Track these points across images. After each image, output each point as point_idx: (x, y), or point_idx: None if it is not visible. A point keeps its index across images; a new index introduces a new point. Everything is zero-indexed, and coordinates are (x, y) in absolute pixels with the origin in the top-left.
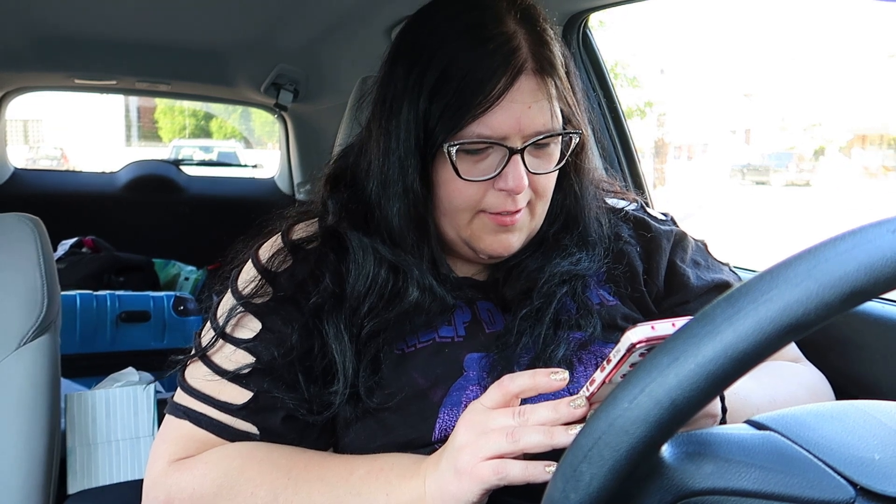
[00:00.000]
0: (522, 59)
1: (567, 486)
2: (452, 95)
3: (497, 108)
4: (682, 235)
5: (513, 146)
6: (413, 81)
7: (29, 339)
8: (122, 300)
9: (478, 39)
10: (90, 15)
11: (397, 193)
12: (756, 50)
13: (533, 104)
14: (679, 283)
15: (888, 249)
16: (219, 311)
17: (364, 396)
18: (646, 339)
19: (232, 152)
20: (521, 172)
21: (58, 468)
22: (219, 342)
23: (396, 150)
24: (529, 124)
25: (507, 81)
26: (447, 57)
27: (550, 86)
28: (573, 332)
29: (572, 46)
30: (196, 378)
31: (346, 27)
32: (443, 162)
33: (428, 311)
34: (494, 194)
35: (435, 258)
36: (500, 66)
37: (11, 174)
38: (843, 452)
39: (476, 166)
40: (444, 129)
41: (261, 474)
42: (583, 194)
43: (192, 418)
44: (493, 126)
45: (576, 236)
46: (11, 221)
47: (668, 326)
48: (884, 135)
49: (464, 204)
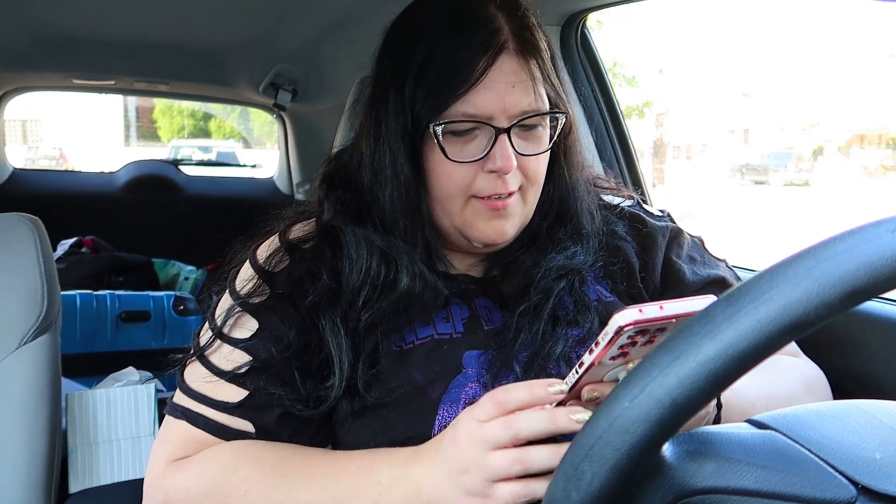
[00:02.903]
0: (503, 39)
1: (568, 484)
2: (436, 78)
3: (480, 88)
4: (677, 231)
5: (499, 126)
6: (399, 70)
7: (29, 338)
8: (121, 300)
9: (459, 24)
10: (89, 15)
11: (388, 179)
12: (755, 50)
13: (517, 83)
14: (675, 278)
15: (888, 249)
16: (217, 311)
17: (362, 390)
18: (633, 321)
19: (231, 152)
20: (509, 151)
21: (59, 467)
22: (216, 342)
23: (386, 137)
24: (514, 104)
25: (489, 60)
26: (430, 43)
27: (533, 67)
28: (571, 329)
29: (571, 46)
30: (194, 379)
31: (344, 27)
32: (432, 146)
33: (421, 299)
34: (484, 177)
35: (429, 246)
36: (482, 47)
37: (10, 174)
38: (845, 452)
39: (464, 148)
40: (430, 111)
41: (253, 473)
42: (574, 186)
43: (190, 418)
44: (477, 105)
45: (570, 229)
46: (11, 221)
47: (656, 309)
48: (883, 134)
49: (455, 189)
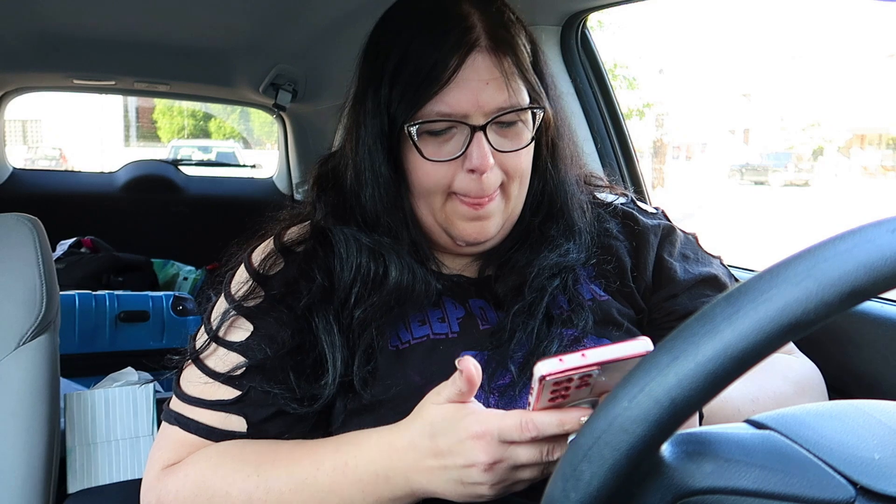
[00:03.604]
0: (475, 36)
1: (567, 484)
2: (409, 78)
3: (453, 86)
4: (669, 229)
5: (475, 123)
6: (375, 72)
7: (28, 338)
8: (120, 300)
9: (432, 23)
10: (89, 15)
11: (367, 180)
12: (755, 50)
13: (490, 80)
14: (666, 277)
15: (888, 249)
16: (212, 315)
17: (359, 388)
18: (554, 371)
19: (231, 152)
20: (486, 149)
21: (57, 467)
22: (212, 346)
23: (365, 138)
24: (489, 101)
25: (460, 58)
26: (404, 44)
27: (508, 63)
28: (566, 329)
29: (571, 47)
30: (189, 382)
31: (344, 27)
32: (409, 146)
33: (412, 292)
34: (463, 177)
35: (416, 243)
36: (454, 45)
37: (10, 174)
38: (843, 452)
39: (441, 148)
40: (405, 111)
41: (233, 472)
42: (564, 181)
43: (182, 424)
44: (450, 104)
45: (561, 225)
46: (10, 222)
47: (578, 358)
48: (883, 135)
49: (434, 186)
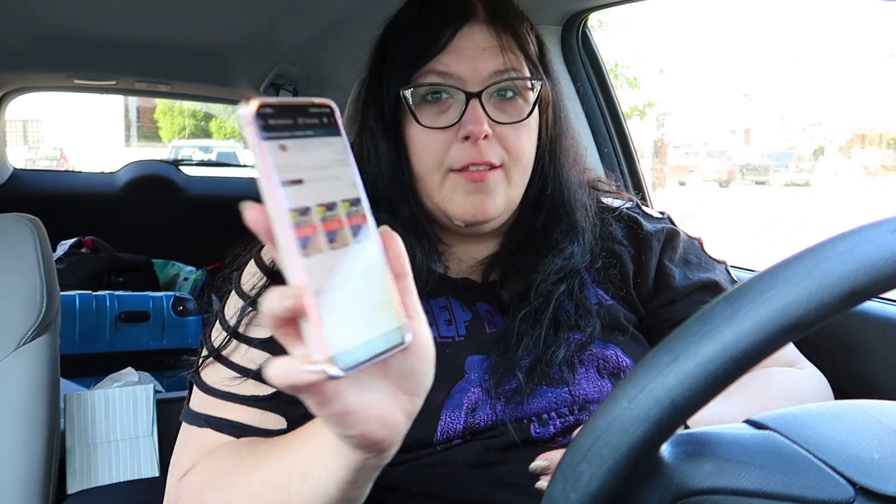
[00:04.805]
0: (474, 10)
1: (566, 485)
2: (407, 48)
3: (449, 51)
4: (673, 234)
5: (471, 90)
6: (377, 55)
7: (28, 339)
8: (121, 300)
9: (432, 2)
10: (90, 15)
11: (370, 160)
12: (755, 50)
13: (487, 48)
14: (665, 283)
15: (888, 249)
16: (227, 312)
17: None
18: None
19: (231, 152)
20: (480, 114)
21: (57, 468)
22: (233, 342)
23: (367, 122)
24: (485, 66)
25: (457, 26)
26: (403, 24)
27: (506, 37)
28: (573, 334)
29: (572, 46)
30: (216, 381)
31: (344, 27)
32: (408, 119)
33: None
34: (459, 147)
35: (414, 217)
36: (451, 15)
37: (11, 174)
38: (843, 452)
39: (438, 117)
40: (400, 79)
41: (232, 471)
42: (565, 178)
43: (213, 424)
44: (447, 66)
45: (565, 226)
46: (10, 222)
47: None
48: (883, 134)
49: (430, 161)
